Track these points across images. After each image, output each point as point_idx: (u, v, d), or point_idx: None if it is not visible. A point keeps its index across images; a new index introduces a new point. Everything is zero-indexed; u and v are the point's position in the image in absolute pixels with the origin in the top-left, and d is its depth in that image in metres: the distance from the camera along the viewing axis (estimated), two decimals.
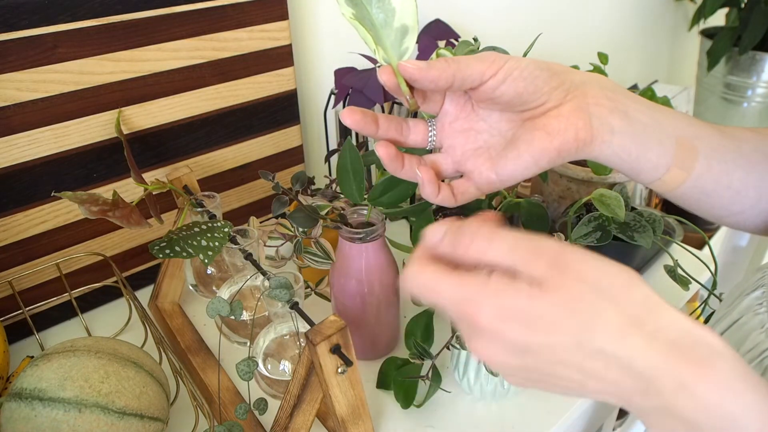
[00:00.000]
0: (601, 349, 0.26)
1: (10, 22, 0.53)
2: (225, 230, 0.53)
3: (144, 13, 0.60)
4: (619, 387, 0.27)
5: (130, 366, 0.48)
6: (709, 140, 0.41)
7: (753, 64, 1.13)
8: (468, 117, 0.41)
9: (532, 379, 0.29)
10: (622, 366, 0.26)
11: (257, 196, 0.80)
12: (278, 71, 0.74)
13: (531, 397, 0.57)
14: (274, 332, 0.52)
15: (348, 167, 0.51)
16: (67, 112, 0.59)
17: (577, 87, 0.38)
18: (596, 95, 0.38)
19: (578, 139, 0.37)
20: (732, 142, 0.42)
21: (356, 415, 0.48)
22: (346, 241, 0.53)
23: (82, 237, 0.66)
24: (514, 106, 0.38)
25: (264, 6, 0.68)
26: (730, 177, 0.41)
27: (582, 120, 0.37)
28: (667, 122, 0.40)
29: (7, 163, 0.58)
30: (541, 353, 0.27)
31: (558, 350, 0.27)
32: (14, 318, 0.64)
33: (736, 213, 0.44)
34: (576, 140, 0.37)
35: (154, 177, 0.68)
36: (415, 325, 0.58)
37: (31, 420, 0.43)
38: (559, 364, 0.27)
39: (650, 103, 0.40)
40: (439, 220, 0.72)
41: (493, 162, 0.40)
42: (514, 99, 0.37)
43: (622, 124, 0.38)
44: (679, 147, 0.40)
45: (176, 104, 0.67)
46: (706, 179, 0.41)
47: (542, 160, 0.38)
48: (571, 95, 0.37)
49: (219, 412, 0.55)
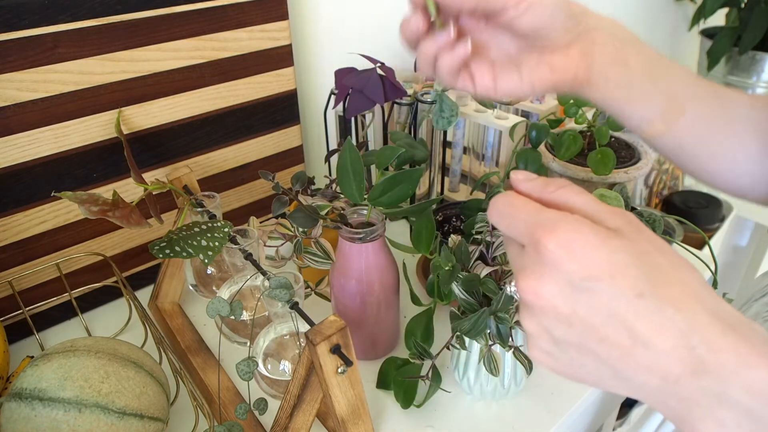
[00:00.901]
0: (661, 308, 0.25)
1: (10, 22, 0.53)
2: (225, 230, 0.53)
3: (144, 13, 0.60)
4: (669, 361, 0.25)
5: (130, 366, 0.48)
6: (700, 102, 0.42)
7: (753, 64, 1.13)
8: (481, 32, 0.41)
9: (569, 340, 0.27)
10: (680, 332, 0.25)
11: (257, 196, 0.80)
12: (278, 71, 0.74)
13: (531, 397, 0.57)
14: (274, 332, 0.52)
15: (348, 167, 0.51)
16: (67, 112, 0.59)
17: (589, 32, 0.40)
18: (604, 42, 0.40)
19: (575, 80, 0.40)
20: (722, 106, 0.43)
21: (356, 415, 0.48)
22: (346, 241, 0.53)
23: (82, 237, 0.66)
24: (528, 38, 0.39)
25: (264, 6, 0.68)
26: (710, 139, 0.43)
27: (584, 64, 0.40)
28: (664, 79, 0.41)
29: (7, 163, 0.58)
30: (597, 297, 0.25)
31: (616, 298, 0.25)
32: (14, 318, 0.64)
33: (710, 171, 0.45)
34: (573, 80, 0.40)
35: (154, 177, 0.68)
36: (415, 325, 0.58)
37: (31, 420, 0.43)
38: (611, 318, 0.25)
39: (655, 56, 0.42)
40: (439, 220, 0.72)
41: (494, 74, 0.41)
42: (529, 32, 0.38)
43: (618, 75, 0.40)
44: (668, 104, 0.42)
45: (176, 104, 0.67)
46: (686, 136, 0.43)
47: (539, 88, 0.41)
48: (582, 38, 0.39)
49: (219, 412, 0.55)
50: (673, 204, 1.41)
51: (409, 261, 0.75)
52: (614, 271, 0.25)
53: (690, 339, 0.25)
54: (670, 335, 0.25)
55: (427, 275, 0.63)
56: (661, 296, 0.25)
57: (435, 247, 0.58)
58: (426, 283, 0.61)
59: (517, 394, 0.57)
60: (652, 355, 0.25)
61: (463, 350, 0.54)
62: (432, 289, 0.58)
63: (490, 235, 0.56)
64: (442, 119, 0.63)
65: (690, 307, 0.25)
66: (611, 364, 0.27)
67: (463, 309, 0.51)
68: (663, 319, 0.25)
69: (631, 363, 0.26)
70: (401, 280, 0.59)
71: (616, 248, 0.26)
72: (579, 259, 0.25)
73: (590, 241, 0.26)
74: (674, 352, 0.25)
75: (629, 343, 0.26)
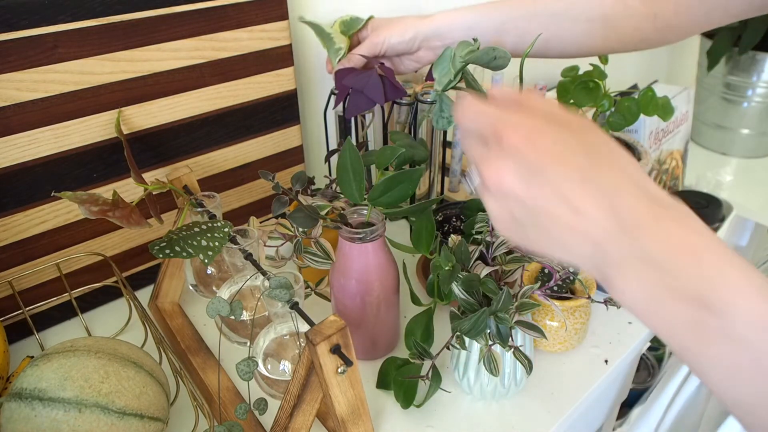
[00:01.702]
0: (600, 189, 0.30)
1: (10, 22, 0.53)
2: (225, 230, 0.53)
3: (144, 13, 0.60)
4: (599, 227, 0.30)
5: (130, 366, 0.48)
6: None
7: (753, 64, 1.13)
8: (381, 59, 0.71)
9: (525, 217, 0.32)
10: (610, 204, 0.30)
11: (257, 196, 0.80)
12: (278, 71, 0.74)
13: (531, 397, 0.57)
14: (274, 332, 0.52)
15: (348, 167, 0.51)
16: (67, 112, 0.59)
17: (428, 39, 0.66)
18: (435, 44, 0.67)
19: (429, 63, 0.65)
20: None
21: (356, 415, 0.48)
22: (346, 241, 0.53)
23: (82, 237, 0.66)
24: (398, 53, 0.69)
25: (264, 6, 0.68)
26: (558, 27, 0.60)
27: (431, 54, 0.68)
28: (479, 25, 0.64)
29: (7, 163, 0.58)
30: (550, 181, 0.31)
31: (565, 182, 0.30)
32: (14, 318, 0.64)
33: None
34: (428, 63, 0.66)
35: (154, 177, 0.68)
36: (415, 325, 0.58)
37: (31, 420, 0.43)
38: (560, 199, 0.30)
39: None
40: (439, 220, 0.72)
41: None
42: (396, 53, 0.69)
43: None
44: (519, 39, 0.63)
45: (176, 104, 0.67)
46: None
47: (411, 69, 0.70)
48: (425, 45, 0.67)
49: (219, 412, 0.55)
50: None
51: (409, 261, 0.75)
52: (564, 160, 0.30)
53: (617, 208, 0.30)
54: (603, 207, 0.30)
55: (427, 275, 0.63)
56: (601, 180, 0.30)
57: (435, 247, 0.58)
58: (426, 283, 0.61)
59: (517, 394, 0.57)
60: (588, 224, 0.30)
61: (463, 350, 0.54)
62: (432, 289, 0.58)
63: (490, 235, 0.56)
64: (442, 119, 0.63)
65: (624, 186, 0.30)
66: (557, 236, 0.32)
67: (463, 309, 0.51)
68: (601, 196, 0.30)
69: (573, 234, 0.31)
70: (401, 280, 0.59)
71: (567, 140, 0.31)
72: (536, 149, 0.31)
73: (546, 134, 0.31)
74: (604, 220, 0.30)
75: (572, 218, 0.31)
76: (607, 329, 0.64)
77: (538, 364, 0.60)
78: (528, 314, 0.52)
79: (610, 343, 0.63)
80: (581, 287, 0.60)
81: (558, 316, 0.59)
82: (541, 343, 0.61)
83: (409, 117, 0.78)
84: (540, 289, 0.54)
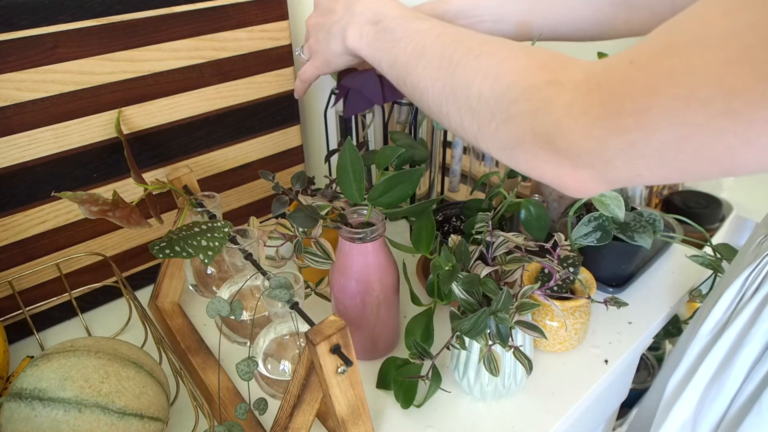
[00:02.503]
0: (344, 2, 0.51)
1: (10, 22, 0.53)
2: (225, 230, 0.53)
3: (144, 13, 0.60)
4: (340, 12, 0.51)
5: (130, 366, 0.48)
6: None
7: None
8: None
9: (325, 25, 0.53)
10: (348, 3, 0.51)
11: (257, 196, 0.80)
12: (278, 71, 0.74)
13: (531, 397, 0.57)
14: (274, 332, 0.52)
15: (348, 167, 0.51)
16: (67, 112, 0.59)
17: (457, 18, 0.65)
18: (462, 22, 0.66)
19: None
20: None
21: (356, 415, 0.48)
22: (346, 241, 0.53)
23: (82, 237, 0.66)
24: None
25: (264, 6, 0.69)
26: None
27: None
28: None
29: (7, 163, 0.58)
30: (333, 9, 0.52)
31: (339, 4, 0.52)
32: (14, 318, 0.64)
33: None
34: None
35: (154, 177, 0.68)
36: (415, 325, 0.58)
37: (31, 420, 0.43)
38: (335, 13, 0.52)
39: None
40: (439, 220, 0.72)
41: None
42: None
43: None
44: None
45: (176, 104, 0.67)
46: None
47: None
48: None
49: (219, 412, 0.55)
50: (673, 204, 1.41)
51: (409, 261, 0.75)
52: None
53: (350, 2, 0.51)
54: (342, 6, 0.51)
55: (427, 275, 0.63)
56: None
57: (435, 247, 0.58)
58: (426, 283, 0.61)
59: (517, 394, 0.57)
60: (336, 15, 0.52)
61: (463, 350, 0.54)
62: (432, 289, 0.58)
63: (490, 235, 0.56)
64: None
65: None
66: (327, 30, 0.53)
67: (463, 309, 0.51)
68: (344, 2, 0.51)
69: (334, 24, 0.52)
70: (401, 280, 0.59)
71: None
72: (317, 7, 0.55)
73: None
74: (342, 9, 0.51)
75: (331, 17, 0.52)
76: (607, 329, 0.64)
77: (538, 364, 0.60)
78: (528, 314, 0.52)
79: (610, 343, 0.63)
80: (581, 287, 0.60)
81: (558, 316, 0.59)
82: (541, 343, 0.61)
83: (410, 117, 0.78)
84: (540, 289, 0.54)
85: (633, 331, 0.64)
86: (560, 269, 0.55)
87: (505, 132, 0.36)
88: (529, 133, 0.34)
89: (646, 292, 0.70)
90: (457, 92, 0.39)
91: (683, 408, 0.52)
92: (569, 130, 0.31)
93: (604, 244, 0.61)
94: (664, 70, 0.27)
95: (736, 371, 0.48)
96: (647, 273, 0.73)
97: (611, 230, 0.61)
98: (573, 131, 0.31)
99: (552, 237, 0.56)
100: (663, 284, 0.71)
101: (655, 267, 0.74)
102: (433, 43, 0.42)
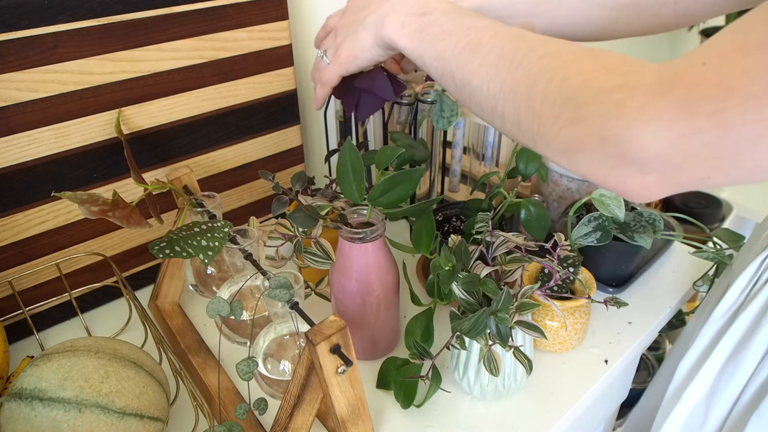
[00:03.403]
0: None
1: (10, 22, 0.53)
2: (225, 230, 0.53)
3: (144, 13, 0.60)
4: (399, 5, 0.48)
5: (130, 366, 0.48)
6: None
7: None
8: None
9: (357, 20, 0.51)
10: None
11: (257, 196, 0.80)
12: (278, 71, 0.74)
13: (531, 397, 0.57)
14: (274, 332, 0.52)
15: (348, 167, 0.51)
16: (67, 112, 0.59)
17: None
18: None
19: None
20: None
21: (356, 415, 0.48)
22: (346, 241, 0.53)
23: (82, 237, 0.66)
24: None
25: (264, 6, 0.68)
26: None
27: None
28: None
29: (7, 163, 0.58)
30: (368, 3, 0.50)
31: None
32: (14, 318, 0.64)
33: None
34: None
35: (154, 177, 0.68)
36: (415, 325, 0.58)
37: (31, 420, 0.43)
38: (371, 6, 0.50)
39: None
40: (439, 220, 0.72)
41: None
42: None
43: None
44: None
45: (176, 104, 0.67)
46: None
47: None
48: None
49: (219, 412, 0.55)
50: (673, 204, 1.41)
51: (409, 261, 0.75)
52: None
53: None
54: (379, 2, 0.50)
55: (427, 275, 0.63)
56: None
57: (435, 247, 0.58)
58: (426, 283, 0.61)
59: (517, 394, 0.57)
60: (372, 9, 0.50)
61: (463, 350, 0.54)
62: (432, 289, 0.58)
63: (490, 235, 0.56)
64: (442, 119, 0.63)
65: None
66: (360, 22, 0.51)
67: (463, 309, 0.51)
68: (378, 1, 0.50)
69: (369, 16, 0.50)
70: (401, 280, 0.59)
71: None
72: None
73: None
74: (377, 5, 0.50)
75: (364, 11, 0.50)
76: (607, 329, 0.64)
77: (538, 364, 0.60)
78: (528, 314, 0.52)
79: (610, 343, 0.63)
80: (581, 287, 0.60)
81: (558, 316, 0.59)
82: (541, 343, 0.61)
83: (410, 117, 0.78)
84: (540, 289, 0.54)
85: (633, 331, 0.64)
86: (560, 269, 0.55)
87: (570, 134, 0.35)
88: (597, 137, 0.33)
89: (646, 292, 0.70)
90: (517, 91, 0.38)
91: (697, 390, 0.52)
92: (640, 134, 0.31)
93: (604, 244, 0.61)
94: (740, 70, 0.28)
95: (752, 353, 0.49)
96: (647, 273, 0.73)
97: (611, 230, 0.61)
98: (644, 135, 0.31)
99: (552, 237, 0.56)
100: (663, 284, 0.71)
101: (655, 267, 0.74)
102: (491, 40, 0.41)
